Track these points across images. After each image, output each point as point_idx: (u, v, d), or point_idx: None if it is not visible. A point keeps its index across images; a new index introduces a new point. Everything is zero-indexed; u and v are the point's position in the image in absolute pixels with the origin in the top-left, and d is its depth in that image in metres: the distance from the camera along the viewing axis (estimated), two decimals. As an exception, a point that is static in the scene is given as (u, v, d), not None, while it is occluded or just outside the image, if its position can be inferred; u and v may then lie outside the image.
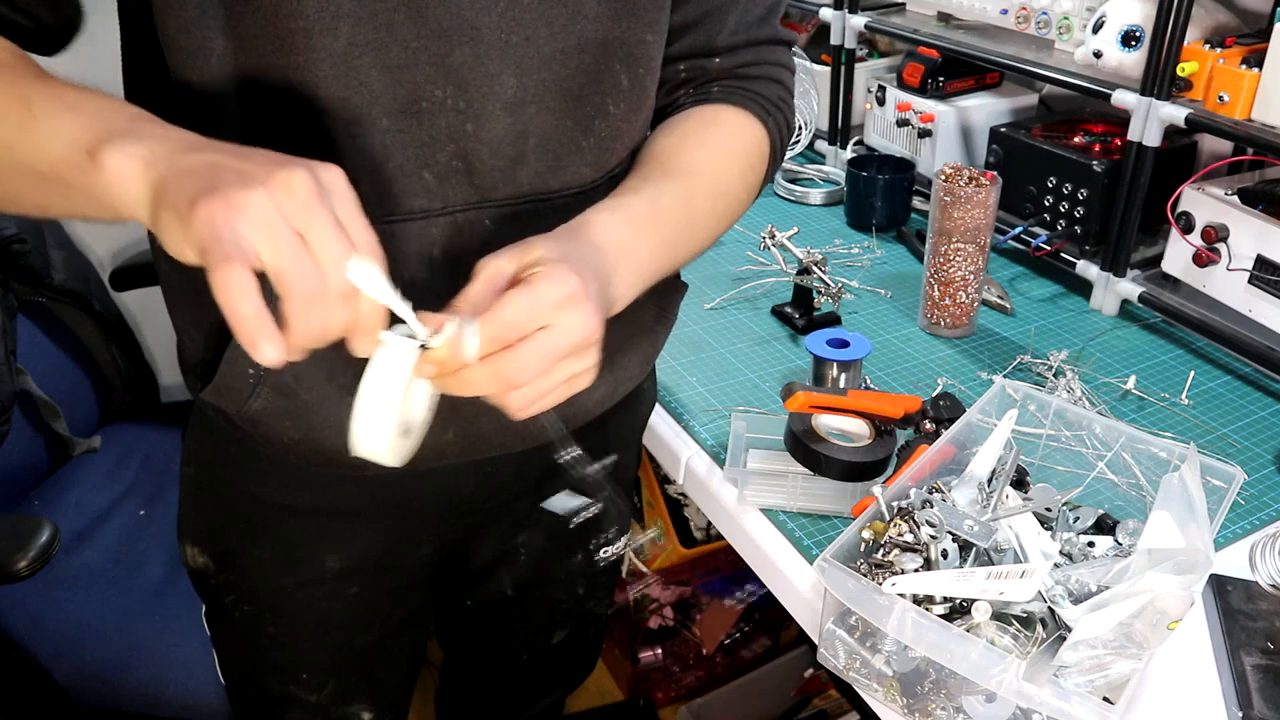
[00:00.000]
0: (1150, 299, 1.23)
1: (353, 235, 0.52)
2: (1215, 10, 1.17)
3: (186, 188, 0.49)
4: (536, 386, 0.58)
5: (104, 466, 1.53)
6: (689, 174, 0.74)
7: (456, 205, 0.70)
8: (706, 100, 0.81)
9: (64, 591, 1.31)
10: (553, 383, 0.59)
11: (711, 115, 0.80)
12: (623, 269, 0.66)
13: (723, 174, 0.77)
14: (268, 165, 0.50)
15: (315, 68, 0.62)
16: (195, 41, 0.62)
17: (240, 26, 0.62)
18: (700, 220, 0.75)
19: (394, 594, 0.94)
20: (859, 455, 0.91)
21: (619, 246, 0.66)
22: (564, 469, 0.95)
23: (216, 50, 0.63)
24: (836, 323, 1.28)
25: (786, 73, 0.85)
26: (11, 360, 1.38)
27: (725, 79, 0.82)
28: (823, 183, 1.69)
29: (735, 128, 0.79)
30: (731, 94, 0.81)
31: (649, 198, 0.71)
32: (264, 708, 0.99)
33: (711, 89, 0.82)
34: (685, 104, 0.81)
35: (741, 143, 0.80)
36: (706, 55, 0.80)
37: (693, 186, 0.74)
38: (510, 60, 0.67)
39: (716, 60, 0.81)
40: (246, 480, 0.84)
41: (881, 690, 0.76)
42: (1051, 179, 1.33)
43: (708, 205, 0.76)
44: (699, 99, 0.81)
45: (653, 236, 0.69)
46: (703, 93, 0.82)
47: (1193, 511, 0.73)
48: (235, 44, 0.62)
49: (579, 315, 0.57)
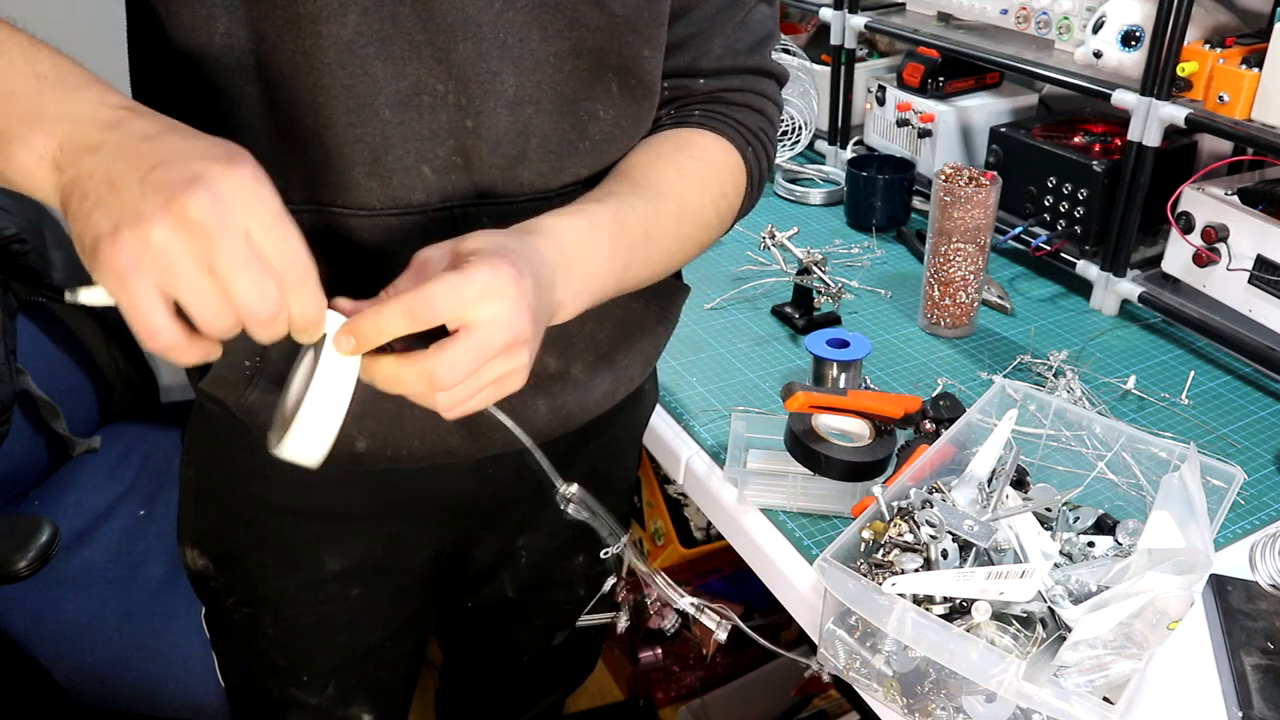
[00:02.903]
0: (1150, 299, 1.23)
1: (266, 248, 0.50)
2: (1215, 10, 1.17)
3: (89, 218, 0.48)
4: (465, 387, 0.57)
5: (104, 466, 1.53)
6: (656, 193, 0.73)
7: (455, 201, 0.70)
8: (686, 123, 0.79)
9: (64, 591, 1.31)
10: (481, 383, 0.58)
11: (688, 138, 0.78)
12: (573, 274, 0.64)
13: (691, 198, 0.76)
14: (166, 186, 0.48)
15: (321, 54, 0.62)
16: (199, 18, 0.62)
17: (248, 7, 0.62)
18: (661, 241, 0.73)
19: (394, 595, 0.94)
20: (859, 455, 0.91)
21: (570, 251, 0.64)
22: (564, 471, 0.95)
23: (220, 29, 0.62)
24: (836, 323, 1.28)
25: (772, 105, 0.84)
26: (11, 360, 1.38)
27: (708, 103, 0.81)
28: (823, 183, 1.69)
29: (710, 154, 0.78)
30: (712, 119, 0.80)
31: (611, 209, 0.69)
32: (264, 710, 0.98)
33: (693, 111, 0.80)
34: (665, 124, 0.80)
35: (715, 170, 0.78)
36: (691, 76, 0.79)
37: (658, 206, 0.73)
38: (509, 60, 0.67)
39: (701, 82, 0.80)
40: (246, 482, 0.84)
41: (881, 690, 0.76)
42: (1051, 179, 1.33)
43: (671, 227, 0.74)
44: (679, 120, 0.80)
45: (609, 248, 0.67)
46: (684, 114, 0.80)
47: (1193, 511, 0.73)
48: (241, 24, 0.62)
49: (506, 307, 0.55)
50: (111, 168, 0.49)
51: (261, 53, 0.63)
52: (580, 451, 0.94)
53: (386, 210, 0.68)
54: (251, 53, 0.63)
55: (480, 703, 1.24)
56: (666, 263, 0.76)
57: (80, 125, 0.51)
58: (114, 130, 0.51)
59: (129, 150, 0.50)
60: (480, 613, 1.09)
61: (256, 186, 0.50)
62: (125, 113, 0.52)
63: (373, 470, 0.81)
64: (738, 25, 0.79)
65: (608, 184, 0.73)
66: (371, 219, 0.68)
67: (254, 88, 0.64)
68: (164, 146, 0.50)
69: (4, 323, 1.37)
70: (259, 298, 0.50)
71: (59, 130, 0.51)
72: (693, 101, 0.81)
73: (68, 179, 0.50)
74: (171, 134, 0.51)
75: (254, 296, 0.49)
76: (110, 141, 0.50)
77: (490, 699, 1.22)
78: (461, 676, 1.23)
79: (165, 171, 0.48)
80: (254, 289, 0.49)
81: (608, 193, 0.71)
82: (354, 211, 0.68)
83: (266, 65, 0.63)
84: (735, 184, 0.80)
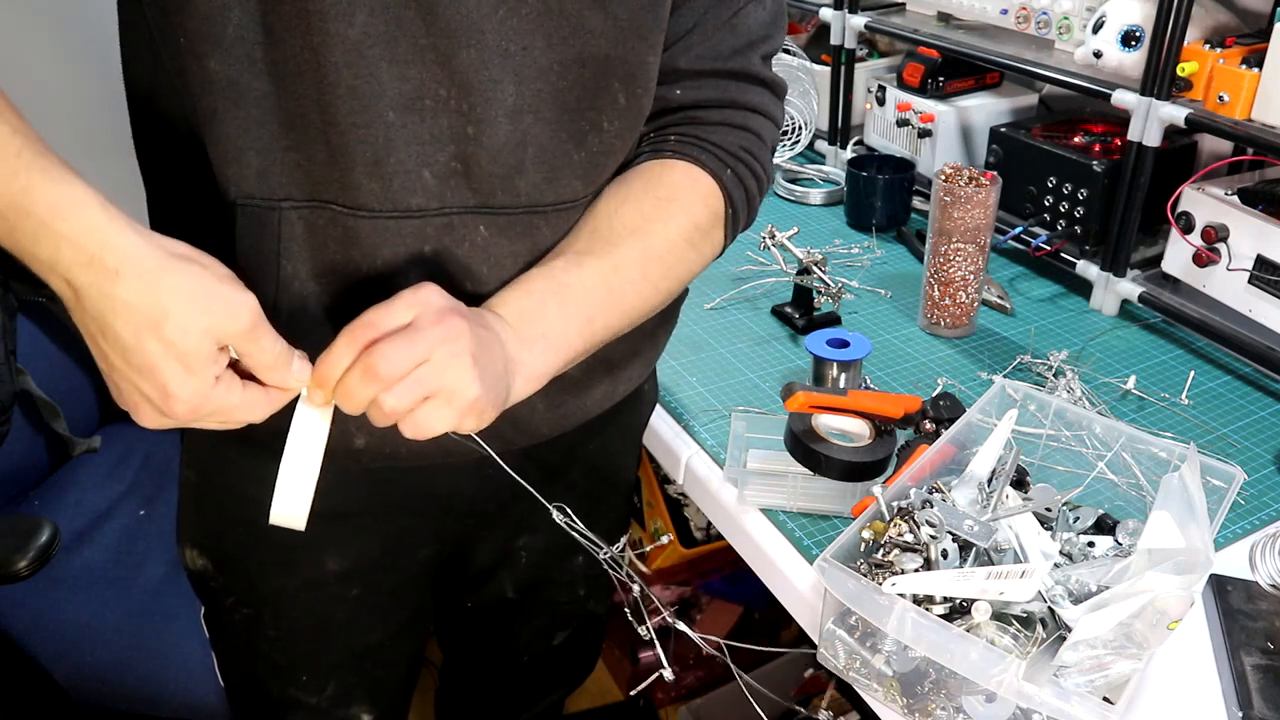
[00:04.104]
0: (1150, 299, 1.23)
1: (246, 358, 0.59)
2: (1215, 10, 1.17)
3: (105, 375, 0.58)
4: (407, 387, 0.59)
5: (104, 466, 1.53)
6: (615, 243, 0.73)
7: (453, 207, 0.70)
8: (660, 152, 0.78)
9: (64, 591, 1.31)
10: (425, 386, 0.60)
11: (657, 174, 0.77)
12: (525, 334, 0.68)
13: (656, 240, 0.75)
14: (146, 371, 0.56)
15: (328, 52, 0.62)
16: (214, 8, 0.62)
17: (260, 1, 0.62)
18: (629, 287, 0.74)
19: (394, 595, 0.94)
20: (859, 455, 0.91)
21: (514, 319, 0.68)
22: (564, 470, 0.95)
23: (233, 20, 0.63)
24: (836, 323, 1.28)
25: (758, 118, 0.81)
26: (11, 360, 1.38)
27: (684, 125, 0.79)
28: (823, 183, 1.69)
29: (679, 188, 0.77)
30: (686, 145, 0.78)
31: (552, 272, 0.71)
32: (264, 709, 0.98)
33: (668, 137, 0.79)
34: (642, 153, 0.79)
35: (684, 204, 0.77)
36: (669, 83, 0.77)
37: (617, 257, 0.73)
38: (510, 68, 0.67)
39: (678, 92, 0.78)
40: (245, 482, 0.84)
41: (881, 690, 0.76)
42: (1051, 179, 1.33)
43: (637, 273, 0.74)
44: (654, 148, 0.79)
45: (558, 308, 0.70)
46: (660, 140, 0.79)
47: (1193, 511, 0.73)
48: (252, 17, 0.62)
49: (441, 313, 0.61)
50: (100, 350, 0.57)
51: (270, 47, 0.63)
52: (580, 451, 0.94)
53: (386, 212, 0.68)
54: (261, 46, 0.63)
55: (480, 703, 1.24)
56: (642, 307, 0.76)
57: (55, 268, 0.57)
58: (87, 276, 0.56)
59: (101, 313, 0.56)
60: (480, 613, 1.09)
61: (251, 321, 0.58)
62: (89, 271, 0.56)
63: (371, 469, 0.81)
64: (722, 25, 0.77)
65: (564, 243, 0.75)
66: (371, 220, 0.68)
67: (262, 82, 0.64)
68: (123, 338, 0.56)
69: (4, 323, 1.37)
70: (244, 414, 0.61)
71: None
72: (668, 124, 0.79)
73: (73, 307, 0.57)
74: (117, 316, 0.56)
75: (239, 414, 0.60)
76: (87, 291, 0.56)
77: (490, 699, 1.22)
78: (461, 676, 1.23)
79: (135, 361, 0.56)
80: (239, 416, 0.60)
81: (557, 253, 0.74)
82: (354, 211, 0.68)
83: (275, 60, 0.63)
84: (711, 213, 0.79)
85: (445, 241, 0.70)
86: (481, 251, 0.71)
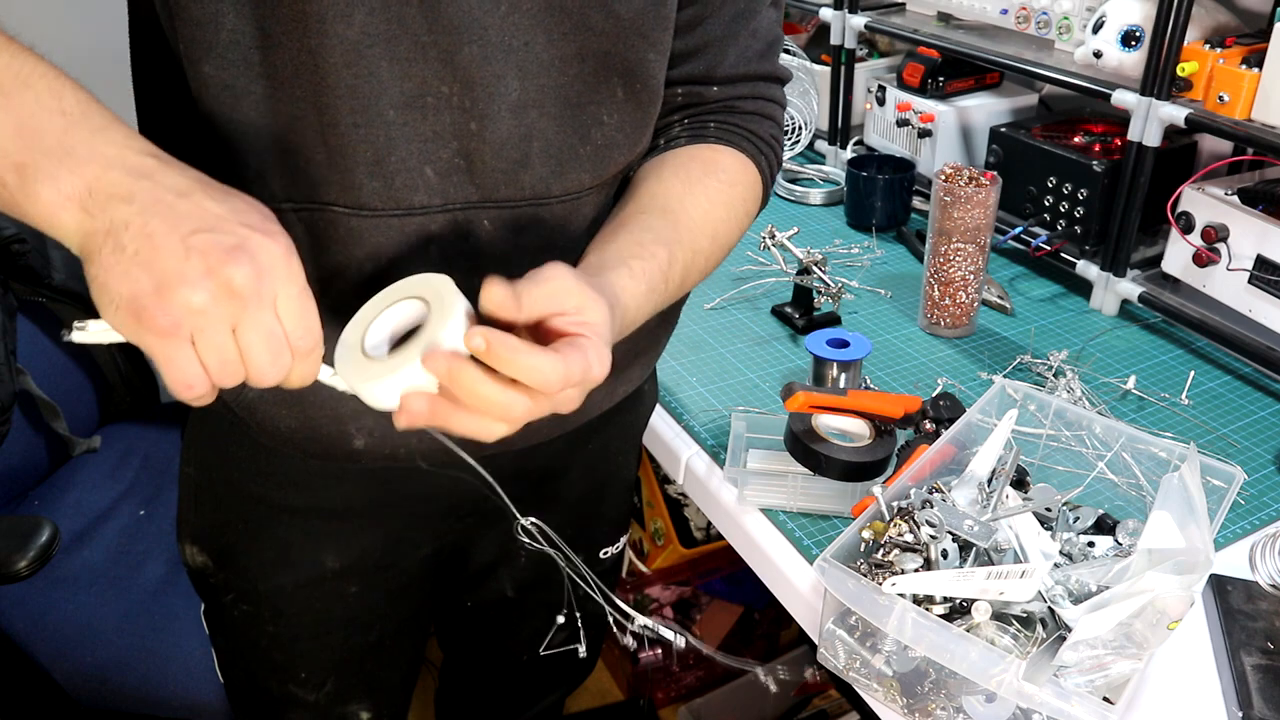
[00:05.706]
0: (1150, 299, 1.23)
1: (287, 319, 0.53)
2: (1215, 10, 1.17)
3: (126, 272, 0.50)
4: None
5: (104, 466, 1.53)
6: (695, 233, 0.75)
7: (456, 203, 0.70)
8: (704, 137, 0.81)
9: (64, 591, 1.31)
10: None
11: (712, 159, 0.79)
12: (622, 330, 0.67)
13: (722, 227, 0.78)
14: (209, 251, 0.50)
15: (327, 53, 0.62)
16: (207, 13, 0.62)
17: (254, 4, 0.62)
18: (692, 277, 0.76)
19: (394, 594, 0.94)
20: (859, 455, 0.91)
21: (629, 317, 0.67)
22: (564, 471, 0.95)
23: (227, 25, 0.62)
24: (836, 323, 1.28)
25: (779, 110, 0.86)
26: (11, 360, 1.38)
27: (721, 113, 0.82)
28: (823, 183, 1.69)
29: (734, 174, 0.80)
30: (727, 132, 0.81)
31: (663, 268, 0.71)
32: (263, 707, 0.99)
33: (708, 124, 0.81)
34: (681, 136, 0.81)
35: (740, 191, 0.80)
36: (705, 83, 0.80)
37: (696, 249, 0.75)
38: (513, 63, 0.67)
39: (715, 89, 0.81)
40: (246, 479, 0.84)
41: (881, 690, 0.76)
42: (1051, 179, 1.33)
43: (703, 264, 0.77)
44: (695, 132, 0.81)
45: (653, 306, 0.71)
46: (699, 125, 0.81)
47: (1193, 511, 0.73)
48: (247, 21, 0.62)
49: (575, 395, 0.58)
50: (149, 224, 0.50)
51: (267, 50, 0.63)
52: (580, 452, 0.94)
53: (388, 211, 0.68)
54: (257, 49, 0.63)
55: (480, 702, 1.24)
56: (684, 294, 0.79)
57: (109, 169, 0.52)
58: (145, 180, 0.52)
59: (165, 206, 0.51)
60: (480, 612, 1.09)
61: (289, 259, 0.53)
62: (154, 162, 0.53)
63: (371, 468, 0.81)
64: (749, 33, 0.80)
65: (657, 225, 0.73)
66: (373, 219, 0.68)
67: (259, 85, 0.64)
68: (201, 207, 0.52)
69: (4, 323, 1.37)
70: (271, 366, 0.53)
71: (88, 172, 0.52)
72: (706, 111, 0.82)
73: (98, 225, 0.51)
74: (204, 192, 0.53)
75: (267, 364, 0.53)
76: (143, 193, 0.51)
77: (490, 698, 1.22)
78: (461, 676, 1.23)
79: (208, 236, 0.51)
80: (269, 358, 0.53)
81: (661, 241, 0.72)
82: (355, 211, 0.68)
83: (272, 63, 0.63)
84: (755, 199, 0.82)
85: (448, 237, 0.70)
86: (485, 247, 0.72)
